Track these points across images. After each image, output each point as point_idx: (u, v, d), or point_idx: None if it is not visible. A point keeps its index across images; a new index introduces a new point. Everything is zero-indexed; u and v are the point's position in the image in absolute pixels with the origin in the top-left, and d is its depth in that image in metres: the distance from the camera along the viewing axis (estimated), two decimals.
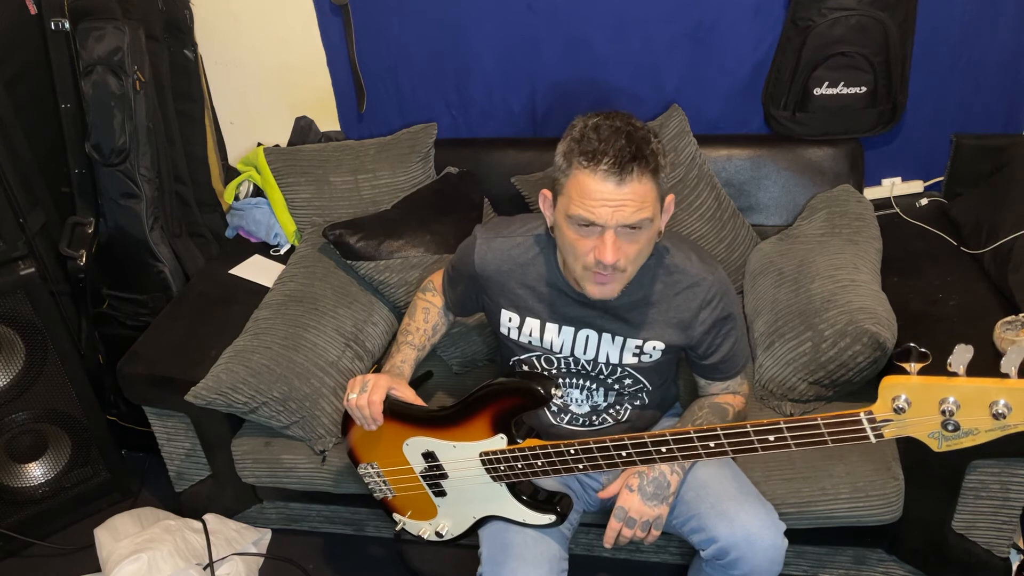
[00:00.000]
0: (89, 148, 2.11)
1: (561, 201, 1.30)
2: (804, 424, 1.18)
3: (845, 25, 1.97)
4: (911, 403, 1.05)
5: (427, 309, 1.70)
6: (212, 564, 1.95)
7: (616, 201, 1.23)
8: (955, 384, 1.02)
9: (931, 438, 1.07)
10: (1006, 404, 0.99)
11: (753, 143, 2.19)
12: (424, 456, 1.52)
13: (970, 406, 1.02)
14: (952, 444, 1.06)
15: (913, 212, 2.19)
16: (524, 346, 1.53)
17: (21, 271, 1.95)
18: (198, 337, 2.01)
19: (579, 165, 1.25)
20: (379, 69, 2.34)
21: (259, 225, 2.37)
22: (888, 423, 1.09)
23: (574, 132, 1.28)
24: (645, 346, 1.46)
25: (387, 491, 1.64)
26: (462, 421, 1.46)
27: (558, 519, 1.46)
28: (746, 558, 1.39)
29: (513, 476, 1.45)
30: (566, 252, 1.34)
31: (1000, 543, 1.73)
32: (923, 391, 1.04)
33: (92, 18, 2.03)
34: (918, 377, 1.04)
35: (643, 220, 1.26)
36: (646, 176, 1.24)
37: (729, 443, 1.26)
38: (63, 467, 2.19)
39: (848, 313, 1.72)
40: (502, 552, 1.47)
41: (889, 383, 1.06)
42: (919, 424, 1.07)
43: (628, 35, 2.16)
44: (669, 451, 1.29)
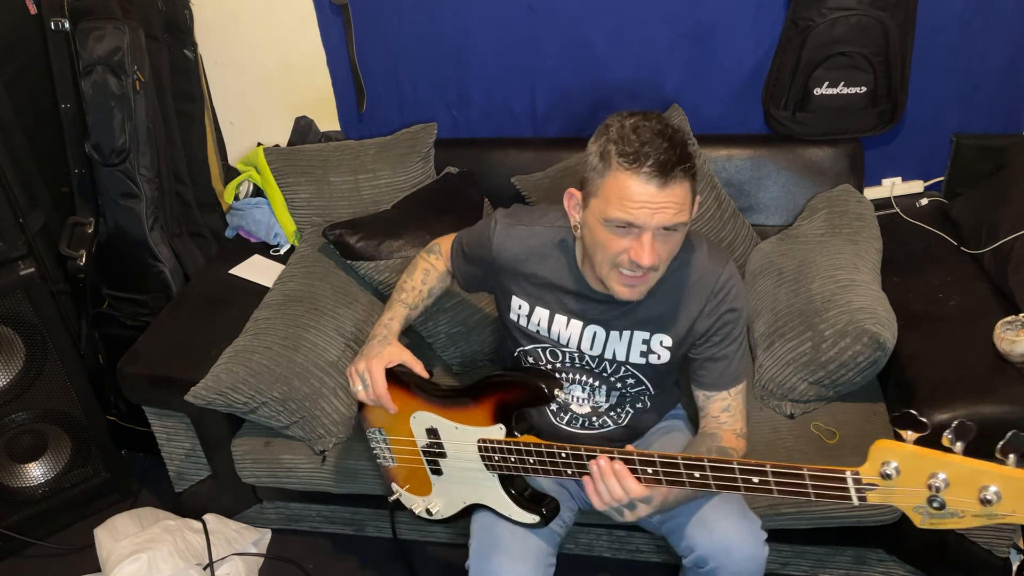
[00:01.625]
0: (89, 148, 2.11)
1: (595, 203, 1.28)
2: (789, 471, 1.14)
3: (845, 25, 1.98)
4: (900, 472, 1.00)
5: (427, 271, 1.66)
6: (212, 564, 1.95)
7: (657, 204, 1.22)
8: (949, 461, 0.96)
9: (915, 512, 1.01)
10: (996, 492, 0.92)
11: (753, 143, 2.19)
12: (427, 432, 1.53)
13: (960, 486, 0.96)
14: (935, 523, 1.00)
15: (913, 212, 2.19)
16: (531, 335, 1.53)
17: (21, 271, 1.95)
18: (198, 337, 2.01)
19: (620, 166, 1.22)
20: (379, 69, 2.34)
21: (259, 225, 2.37)
22: (874, 488, 1.04)
23: (610, 132, 1.25)
24: (652, 341, 1.45)
25: (389, 459, 1.64)
26: (468, 404, 1.46)
27: (542, 521, 1.46)
28: (724, 567, 1.39)
29: (505, 468, 1.45)
30: (595, 251, 1.32)
31: (1000, 543, 1.73)
32: (914, 461, 0.99)
33: (92, 18, 2.03)
34: (912, 446, 0.99)
35: (679, 223, 1.25)
36: (687, 180, 1.24)
37: (714, 476, 1.22)
38: (63, 467, 2.19)
39: (848, 313, 1.72)
40: (489, 545, 1.48)
41: (881, 447, 1.02)
42: (905, 495, 1.02)
43: (628, 35, 2.16)
44: (655, 472, 1.26)
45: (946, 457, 0.96)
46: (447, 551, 2.04)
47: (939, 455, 0.97)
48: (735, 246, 2.12)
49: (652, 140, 1.21)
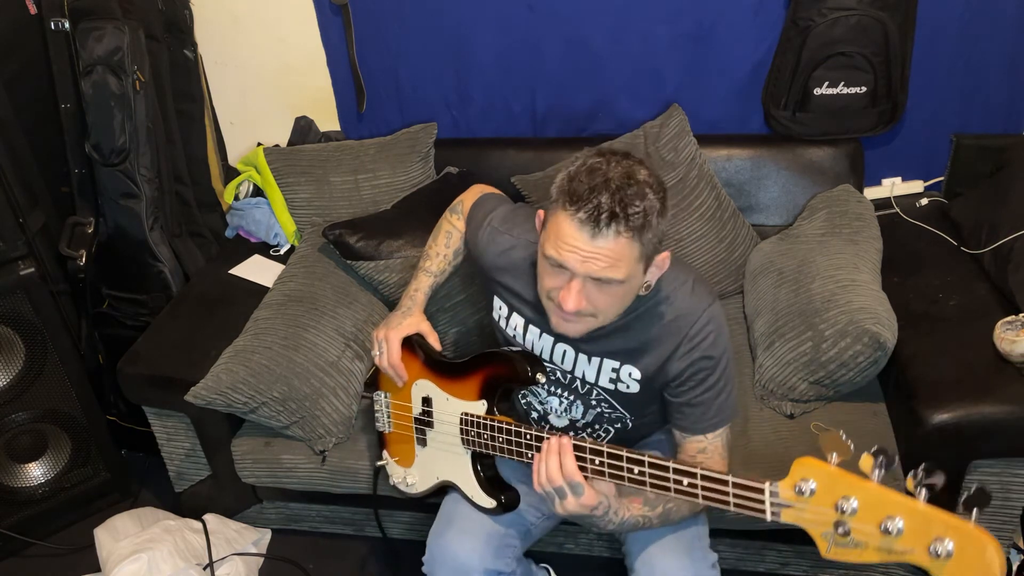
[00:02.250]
0: (89, 148, 2.11)
1: (543, 234, 1.26)
2: (716, 478, 1.12)
3: (845, 25, 1.97)
4: (815, 492, 0.97)
5: (450, 233, 1.65)
6: (212, 564, 1.95)
7: (587, 252, 1.18)
8: (864, 486, 0.93)
9: (823, 538, 0.98)
10: (901, 526, 0.89)
11: (753, 143, 2.19)
12: (423, 400, 1.56)
13: (867, 514, 0.93)
14: (839, 553, 0.96)
15: (913, 212, 2.19)
16: (510, 340, 1.53)
17: (21, 271, 1.95)
18: (198, 337, 2.01)
19: (563, 205, 1.19)
20: (379, 69, 2.34)
21: (259, 225, 2.37)
22: (789, 506, 1.02)
23: (571, 167, 1.22)
24: (621, 372, 1.41)
25: (387, 424, 1.68)
26: (460, 377, 1.49)
27: (498, 507, 1.46)
28: None
29: (478, 445, 1.46)
30: (540, 281, 1.30)
31: (1000, 543, 1.73)
32: (831, 482, 0.96)
33: (92, 18, 2.03)
34: (834, 468, 0.96)
35: (611, 279, 1.20)
36: (623, 236, 1.16)
37: (651, 474, 1.19)
38: (63, 467, 2.19)
39: (848, 313, 1.72)
40: (445, 523, 1.51)
41: (802, 463, 0.99)
42: (816, 516, 0.98)
43: (628, 35, 2.16)
44: (601, 463, 1.24)
45: (863, 483, 0.93)
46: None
47: (856, 479, 0.94)
48: (735, 246, 2.12)
49: (598, 186, 1.16)
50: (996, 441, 1.60)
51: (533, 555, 1.94)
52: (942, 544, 0.85)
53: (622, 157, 1.22)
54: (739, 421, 1.83)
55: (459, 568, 1.45)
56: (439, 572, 1.48)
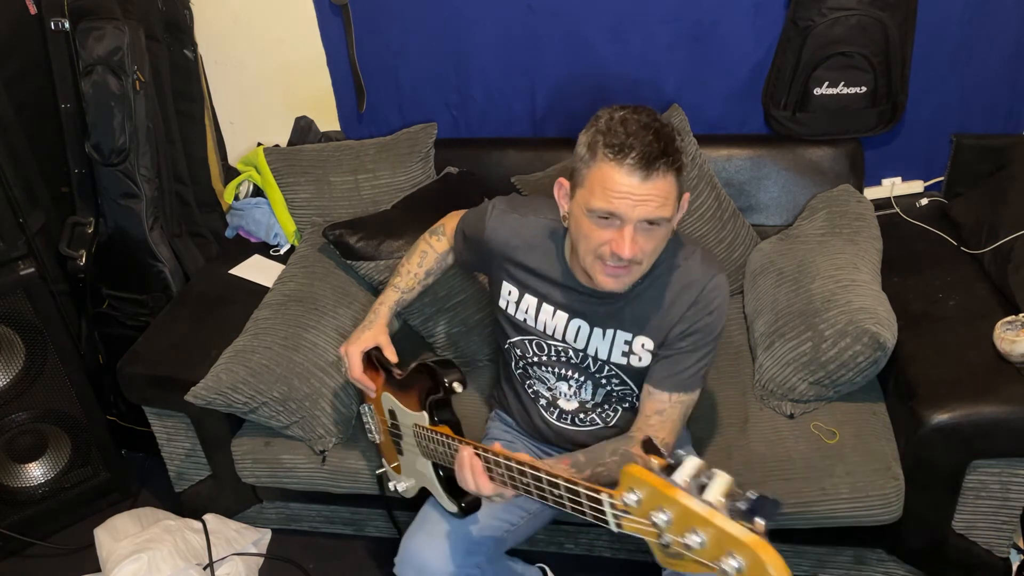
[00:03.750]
0: (89, 148, 2.11)
1: (581, 193, 1.29)
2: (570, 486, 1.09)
3: (845, 25, 1.97)
4: (640, 503, 0.92)
5: (425, 253, 1.70)
6: (212, 564, 1.95)
7: (639, 195, 1.22)
8: (674, 498, 0.87)
9: (658, 548, 0.91)
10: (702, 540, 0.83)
11: (753, 143, 2.19)
12: (389, 413, 1.60)
13: (676, 526, 0.87)
14: (669, 563, 0.91)
15: (913, 212, 2.19)
16: (519, 324, 1.54)
17: (21, 271, 1.95)
18: (198, 337, 2.01)
19: (604, 157, 1.23)
20: (379, 69, 2.34)
21: (259, 225, 2.37)
22: (627, 516, 0.96)
23: (599, 124, 1.26)
24: (634, 344, 1.45)
25: (376, 435, 1.72)
26: (407, 390, 1.52)
27: (459, 512, 1.46)
28: None
29: (430, 454, 1.48)
30: (579, 241, 1.33)
31: (1000, 543, 1.73)
32: (650, 493, 0.90)
33: (92, 18, 2.03)
34: (653, 477, 0.90)
35: (662, 218, 1.25)
36: (671, 173, 1.23)
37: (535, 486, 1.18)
38: (63, 467, 2.19)
39: (848, 313, 1.72)
40: (418, 525, 1.53)
41: (627, 472, 0.93)
42: (644, 528, 0.93)
43: (628, 35, 2.16)
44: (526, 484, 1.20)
45: (674, 493, 0.87)
46: None
47: (670, 490, 0.88)
48: (735, 246, 2.12)
49: (638, 132, 1.22)
50: (996, 441, 1.60)
51: (532, 555, 1.94)
52: (730, 560, 0.80)
53: (640, 107, 1.28)
54: (739, 421, 1.83)
55: (424, 571, 1.47)
56: (407, 574, 1.50)
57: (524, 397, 1.63)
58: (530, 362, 1.57)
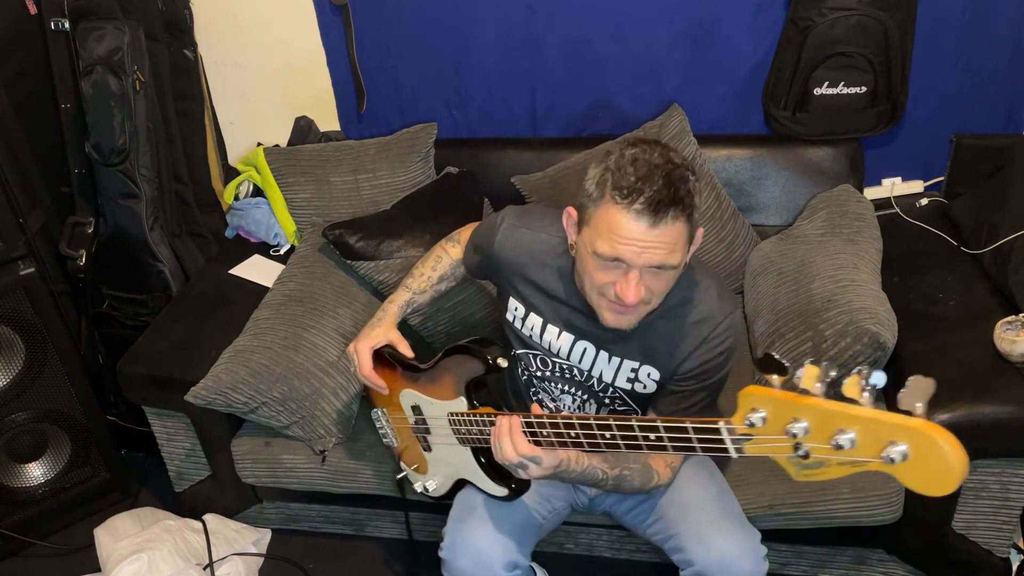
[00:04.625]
0: (89, 148, 2.11)
1: (587, 232, 1.25)
2: (676, 427, 1.10)
3: (845, 25, 1.97)
4: (766, 420, 0.91)
5: (439, 258, 1.68)
6: (212, 564, 1.95)
7: (646, 243, 1.18)
8: (807, 405, 0.86)
9: (790, 463, 0.92)
10: (852, 437, 0.82)
11: (753, 143, 2.19)
12: (413, 409, 1.56)
13: (819, 433, 0.86)
14: (809, 475, 0.91)
15: (913, 212, 2.19)
16: (525, 339, 1.53)
17: (21, 271, 1.95)
18: (198, 337, 2.01)
19: (612, 199, 1.18)
20: (379, 69, 2.34)
21: (259, 225, 2.37)
22: (748, 439, 0.96)
23: (609, 161, 1.21)
24: (640, 372, 1.42)
25: (393, 439, 1.68)
26: (436, 379, 1.49)
27: (511, 493, 1.45)
28: None
29: (473, 441, 1.46)
30: (583, 279, 1.30)
31: (1000, 543, 1.73)
32: (776, 408, 0.90)
33: (92, 18, 2.03)
34: (776, 391, 0.90)
35: (670, 265, 1.21)
36: (680, 220, 1.18)
37: (621, 436, 1.18)
38: (63, 467, 2.19)
39: (848, 313, 1.72)
40: (466, 512, 1.50)
41: (747, 393, 0.93)
42: (774, 445, 0.93)
43: (628, 35, 2.16)
44: (576, 434, 1.22)
45: (805, 400, 0.87)
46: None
47: (798, 399, 0.87)
48: (735, 246, 2.12)
49: (648, 176, 1.16)
50: (996, 441, 1.60)
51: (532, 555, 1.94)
52: (895, 448, 0.78)
53: (654, 143, 1.23)
54: None
55: (480, 558, 1.44)
56: (459, 560, 1.46)
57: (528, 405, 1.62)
58: (534, 375, 1.57)
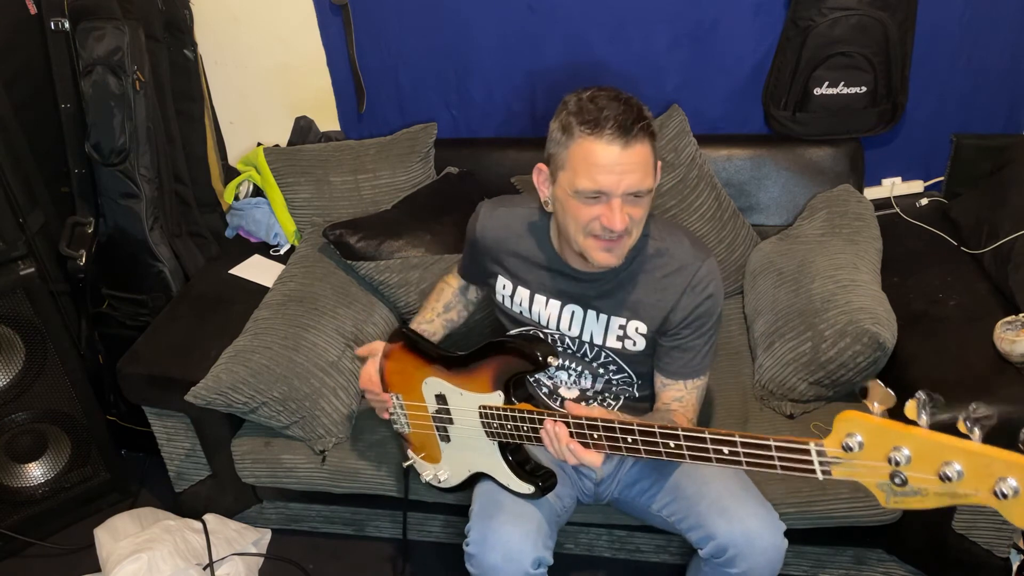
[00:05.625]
0: (89, 148, 2.11)
1: (563, 176, 1.31)
2: (756, 443, 1.11)
3: (845, 25, 1.98)
4: (864, 445, 0.94)
5: (441, 289, 1.77)
6: (212, 564, 1.95)
7: (622, 166, 1.25)
8: (913, 434, 0.90)
9: (879, 489, 0.95)
10: (959, 469, 0.85)
11: (753, 143, 2.19)
12: (437, 398, 1.55)
13: (922, 462, 0.89)
14: (899, 501, 0.93)
15: (913, 212, 2.19)
16: (515, 317, 1.56)
17: (21, 271, 1.95)
18: (198, 337, 2.01)
19: (582, 134, 1.26)
20: (379, 69, 2.34)
21: (259, 225, 2.37)
22: (838, 462, 0.99)
23: (569, 106, 1.30)
24: (628, 327, 1.47)
25: (405, 425, 1.67)
26: (471, 370, 1.48)
27: (537, 492, 1.46)
28: (744, 556, 1.39)
29: (504, 436, 1.45)
30: (567, 223, 1.35)
31: (1000, 543, 1.73)
32: (878, 435, 0.93)
33: (92, 18, 2.03)
34: (878, 419, 0.93)
35: (644, 190, 1.28)
36: (647, 139, 1.27)
37: (687, 446, 1.20)
38: (63, 467, 2.19)
39: (848, 313, 1.72)
40: (493, 507, 1.49)
41: (846, 418, 0.97)
42: (868, 470, 0.96)
43: (628, 35, 2.16)
44: (634, 441, 1.25)
45: (910, 430, 0.90)
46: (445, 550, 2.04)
47: (903, 428, 0.91)
48: (735, 246, 2.12)
49: (609, 105, 1.26)
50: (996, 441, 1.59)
51: None
52: (1005, 483, 0.81)
53: (601, 86, 1.32)
54: (739, 421, 1.83)
55: (512, 553, 1.43)
56: (489, 555, 1.44)
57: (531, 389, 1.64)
58: None
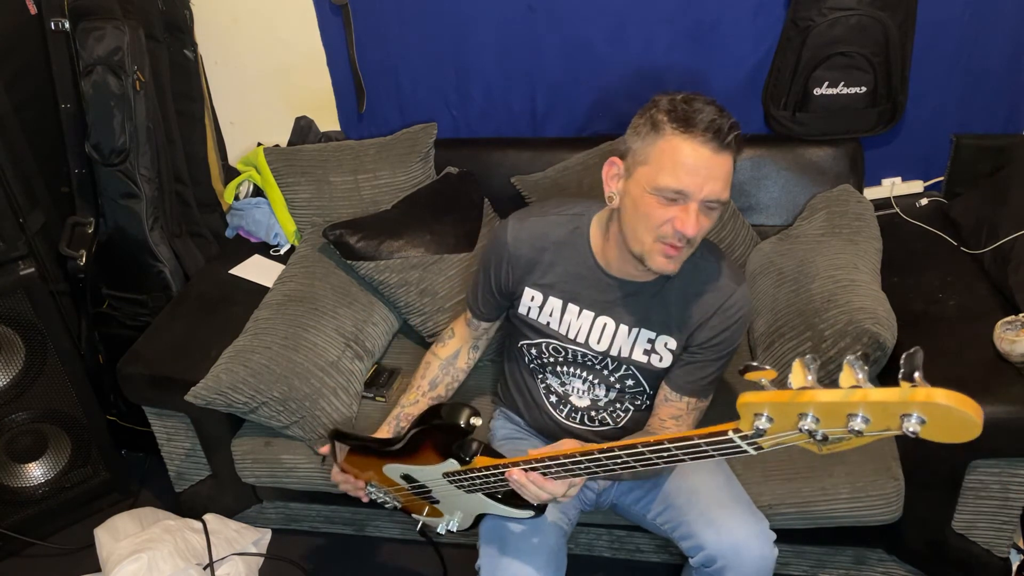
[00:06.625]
0: (89, 148, 2.11)
1: (643, 171, 1.28)
2: (684, 441, 1.10)
3: (845, 25, 1.97)
4: (773, 419, 0.95)
5: (428, 364, 1.74)
6: (212, 564, 1.95)
7: (709, 170, 1.22)
8: (806, 400, 0.91)
9: (811, 444, 0.96)
10: (863, 418, 0.87)
11: (753, 143, 2.18)
12: (403, 477, 1.55)
13: (829, 419, 0.91)
14: (833, 447, 0.95)
15: (913, 212, 2.19)
16: (540, 328, 1.54)
17: (21, 271, 1.95)
18: (198, 337, 2.01)
19: (674, 131, 1.23)
20: (379, 69, 2.34)
21: (259, 225, 2.37)
22: (762, 438, 1.01)
23: (660, 104, 1.26)
24: (657, 342, 1.46)
25: (394, 502, 1.67)
26: (415, 451, 1.46)
27: (536, 512, 1.45)
28: (732, 567, 1.39)
29: (479, 488, 1.45)
30: (636, 222, 1.31)
31: (1000, 543, 1.73)
32: (778, 409, 0.94)
33: (92, 18, 2.03)
34: (771, 393, 0.94)
35: (722, 201, 1.26)
36: (735, 152, 1.25)
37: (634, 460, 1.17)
38: (63, 467, 2.19)
39: (848, 313, 1.72)
40: (500, 544, 1.48)
41: (745, 401, 0.97)
42: (788, 438, 0.98)
43: (628, 35, 2.16)
44: (585, 467, 1.23)
45: (802, 396, 0.91)
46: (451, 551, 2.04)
47: (795, 395, 0.92)
48: (735, 246, 2.12)
49: (706, 108, 1.22)
50: (996, 441, 1.60)
51: None
52: (910, 421, 0.83)
53: (692, 92, 1.28)
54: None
55: None
56: None
57: (535, 392, 1.63)
58: (545, 362, 1.58)
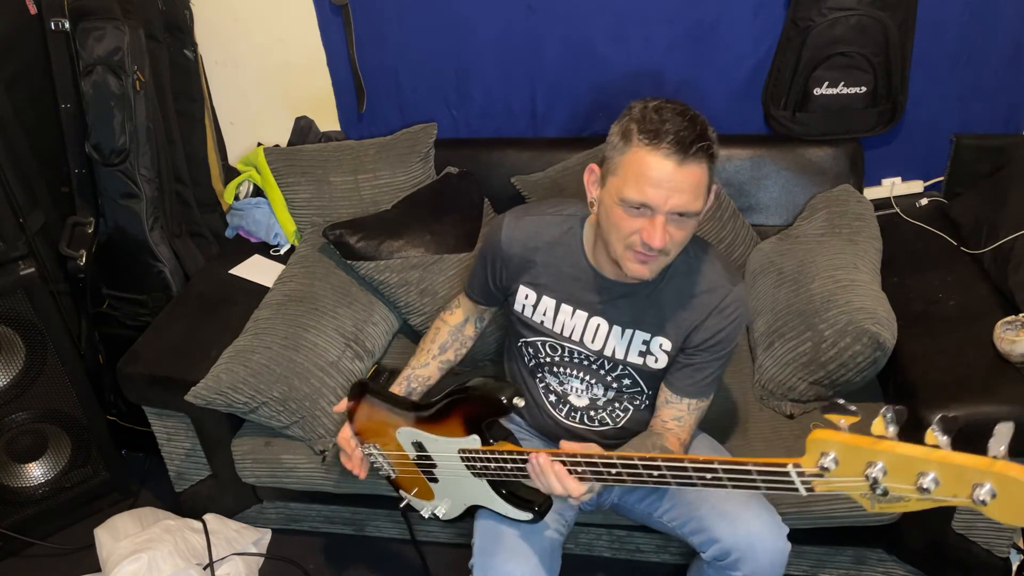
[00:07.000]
0: (89, 148, 2.11)
1: (613, 181, 1.29)
2: (737, 468, 1.12)
3: (845, 25, 1.98)
4: (839, 463, 0.96)
5: (437, 329, 1.73)
6: (212, 564, 1.95)
7: (673, 183, 1.22)
8: (882, 449, 0.91)
9: (863, 498, 0.97)
10: (934, 478, 0.88)
11: (753, 143, 2.19)
12: (414, 445, 1.54)
13: (898, 474, 0.91)
14: (884, 507, 0.96)
15: (913, 212, 2.19)
16: (535, 327, 1.54)
17: (21, 271, 1.95)
18: (198, 337, 2.01)
19: (640, 142, 1.24)
20: (379, 69, 2.34)
21: (259, 225, 2.37)
22: (820, 478, 1.00)
23: (633, 112, 1.28)
24: (652, 344, 1.46)
25: (390, 471, 1.66)
26: (441, 418, 1.46)
27: (535, 517, 1.45)
28: (747, 559, 1.39)
29: (489, 474, 1.45)
30: (608, 230, 1.33)
31: (1000, 543, 1.73)
32: (850, 452, 0.95)
33: (92, 18, 2.03)
34: (847, 435, 0.95)
35: (691, 212, 1.26)
36: (704, 161, 1.24)
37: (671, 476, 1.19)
38: (63, 467, 2.19)
39: (848, 313, 1.72)
40: (494, 543, 1.48)
41: (817, 438, 0.97)
42: (847, 483, 0.98)
43: (628, 35, 2.16)
44: (618, 473, 1.24)
45: (880, 445, 0.92)
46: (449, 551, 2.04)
47: (872, 443, 0.92)
48: (735, 246, 2.12)
49: (673, 119, 1.23)
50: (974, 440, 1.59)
51: None
52: (982, 490, 0.84)
53: (671, 99, 1.29)
54: (739, 421, 1.83)
55: None
56: None
57: (535, 392, 1.63)
58: (542, 361, 1.58)
